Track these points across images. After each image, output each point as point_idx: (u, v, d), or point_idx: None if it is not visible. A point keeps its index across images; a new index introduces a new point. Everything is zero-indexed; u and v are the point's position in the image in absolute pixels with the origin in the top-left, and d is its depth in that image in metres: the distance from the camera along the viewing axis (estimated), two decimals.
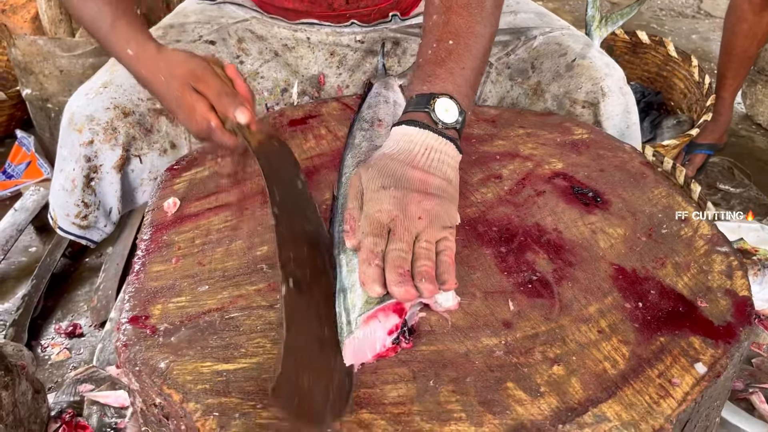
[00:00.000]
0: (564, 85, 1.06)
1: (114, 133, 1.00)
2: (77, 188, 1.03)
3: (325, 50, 1.15)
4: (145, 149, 1.04)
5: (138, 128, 1.02)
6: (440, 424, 0.52)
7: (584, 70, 1.06)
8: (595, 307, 0.62)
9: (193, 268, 0.69)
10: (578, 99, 1.05)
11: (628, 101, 1.06)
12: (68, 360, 1.38)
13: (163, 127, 1.05)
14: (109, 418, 1.08)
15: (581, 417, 0.52)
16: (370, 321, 0.58)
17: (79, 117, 1.00)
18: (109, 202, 1.07)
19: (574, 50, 1.08)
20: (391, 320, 0.58)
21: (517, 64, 1.11)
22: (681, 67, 2.08)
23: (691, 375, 0.56)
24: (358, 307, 0.59)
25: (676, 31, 3.13)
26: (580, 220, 0.74)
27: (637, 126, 1.09)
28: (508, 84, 1.11)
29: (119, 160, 1.01)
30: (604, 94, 1.04)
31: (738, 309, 0.63)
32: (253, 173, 0.84)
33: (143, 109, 1.03)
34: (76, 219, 1.06)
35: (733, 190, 1.93)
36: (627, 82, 1.08)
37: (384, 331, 0.58)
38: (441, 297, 0.61)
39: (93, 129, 0.99)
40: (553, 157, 0.85)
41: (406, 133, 0.70)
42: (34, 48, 1.76)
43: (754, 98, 2.31)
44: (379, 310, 0.58)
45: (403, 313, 0.59)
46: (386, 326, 0.58)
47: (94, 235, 1.11)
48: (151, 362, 0.58)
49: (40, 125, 1.93)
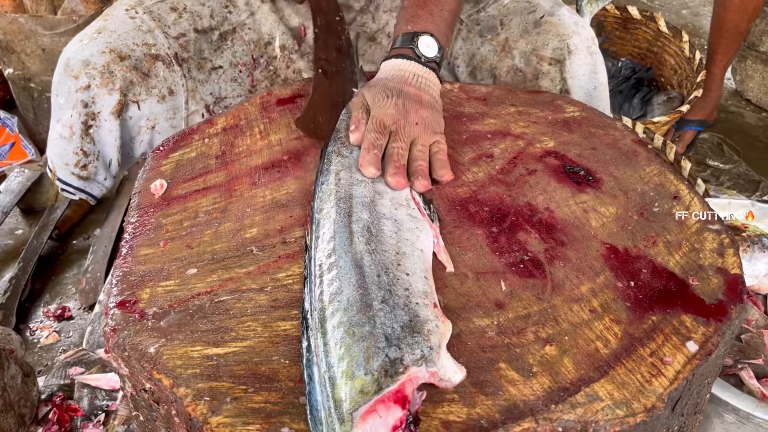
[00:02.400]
0: (531, 42, 1.06)
1: (111, 77, 0.99)
2: (76, 135, 1.02)
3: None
4: (143, 95, 1.03)
5: (135, 72, 1.01)
6: (433, 406, 0.51)
7: (552, 27, 1.06)
8: (587, 286, 0.62)
9: (182, 251, 0.68)
10: (545, 56, 1.05)
11: (596, 61, 1.06)
12: (57, 343, 1.37)
13: (160, 72, 1.04)
14: (100, 401, 1.08)
15: (573, 397, 0.52)
16: (369, 416, 0.47)
17: (75, 62, 0.99)
18: (108, 153, 1.06)
19: (543, 7, 1.09)
20: (394, 413, 0.48)
21: (487, 20, 1.11)
22: (672, 43, 2.07)
23: (682, 353, 0.56)
24: (351, 397, 0.48)
25: (667, 6, 3.10)
26: (572, 199, 0.73)
27: (605, 87, 1.09)
28: (478, 41, 1.12)
29: (117, 105, 1.00)
30: (570, 52, 1.04)
31: (729, 287, 0.63)
32: (240, 153, 0.83)
33: (139, 54, 1.02)
34: (76, 168, 1.05)
35: (723, 166, 1.94)
36: (597, 43, 1.08)
37: (387, 428, 0.47)
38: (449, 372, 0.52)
39: (89, 73, 0.99)
40: (545, 136, 0.84)
41: (396, 64, 0.83)
42: (15, 26, 1.72)
43: (743, 74, 2.31)
44: (378, 401, 0.48)
45: (406, 402, 0.49)
46: (389, 422, 0.47)
47: (94, 189, 1.10)
48: (140, 347, 0.57)
49: (23, 105, 1.90)
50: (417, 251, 0.63)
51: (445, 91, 0.95)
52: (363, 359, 0.50)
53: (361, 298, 0.56)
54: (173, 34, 1.06)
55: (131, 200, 0.78)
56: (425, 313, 0.55)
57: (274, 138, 0.86)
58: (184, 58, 1.07)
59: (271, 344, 0.57)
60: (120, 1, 1.09)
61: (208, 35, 1.09)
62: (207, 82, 1.10)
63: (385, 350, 0.51)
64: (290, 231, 0.70)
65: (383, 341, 0.52)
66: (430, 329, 0.54)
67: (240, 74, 1.13)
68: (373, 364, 0.50)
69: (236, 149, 0.84)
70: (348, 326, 0.53)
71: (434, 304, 0.57)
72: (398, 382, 0.49)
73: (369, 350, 0.51)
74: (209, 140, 0.87)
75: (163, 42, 1.04)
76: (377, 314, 0.54)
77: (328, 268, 0.60)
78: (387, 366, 0.50)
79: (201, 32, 1.09)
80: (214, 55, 1.10)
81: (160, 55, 1.04)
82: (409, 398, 0.49)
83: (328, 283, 0.58)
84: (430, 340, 0.53)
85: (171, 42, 1.05)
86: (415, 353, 0.51)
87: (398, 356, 0.51)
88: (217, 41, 1.10)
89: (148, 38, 1.03)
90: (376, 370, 0.49)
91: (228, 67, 1.12)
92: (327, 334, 0.54)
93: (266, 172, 0.79)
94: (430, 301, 0.57)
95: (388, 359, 0.50)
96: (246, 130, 0.88)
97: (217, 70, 1.11)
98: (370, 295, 0.56)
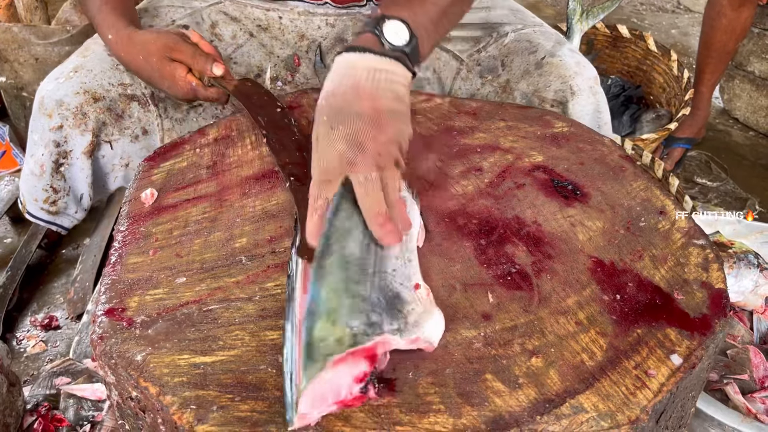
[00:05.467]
0: (533, 83, 1.05)
1: (84, 118, 0.99)
2: (45, 173, 1.02)
3: (295, 33, 1.14)
4: (116, 135, 1.03)
5: (108, 114, 1.01)
6: (419, 416, 0.52)
7: (553, 68, 1.04)
8: (574, 299, 0.63)
9: (171, 260, 0.69)
10: (547, 98, 1.04)
11: (599, 101, 1.04)
12: (44, 353, 1.36)
13: (134, 112, 1.04)
14: (86, 411, 1.07)
15: (559, 408, 0.52)
16: (339, 364, 0.51)
17: (49, 101, 0.99)
18: (79, 188, 1.06)
19: (545, 48, 1.07)
20: (360, 366, 0.52)
21: (488, 61, 1.10)
22: (660, 62, 2.10)
23: (666, 366, 0.56)
24: (327, 343, 0.51)
25: (656, 26, 3.15)
26: (560, 213, 0.74)
27: (609, 126, 1.07)
28: (478, 81, 1.11)
29: (89, 145, 1.01)
30: (573, 93, 1.02)
31: (714, 301, 0.63)
32: (231, 163, 0.83)
33: (114, 95, 1.02)
34: (45, 204, 1.06)
35: (710, 184, 1.96)
36: (600, 83, 1.06)
37: (351, 378, 0.52)
38: (433, 335, 0.56)
39: (62, 114, 0.99)
40: (534, 150, 0.85)
41: (347, 60, 0.67)
42: (9, 35, 1.73)
43: (731, 93, 2.34)
44: (350, 353, 0.51)
45: (374, 360, 0.53)
46: (354, 372, 0.52)
47: (64, 221, 1.10)
48: (127, 355, 0.57)
49: (15, 114, 1.90)
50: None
51: (435, 105, 0.96)
52: (347, 312, 0.54)
53: (361, 257, 0.59)
54: None
55: (121, 209, 0.79)
56: (405, 295, 0.59)
57: (265, 149, 0.86)
58: (161, 98, 1.06)
59: (258, 353, 0.57)
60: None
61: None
62: (185, 121, 1.09)
63: (368, 313, 0.54)
64: (280, 241, 0.70)
65: (368, 305, 0.55)
66: (409, 310, 0.57)
67: (223, 110, 1.11)
68: (355, 321, 0.53)
69: (227, 159, 0.85)
70: (345, 277, 0.56)
71: (416, 285, 0.60)
72: (372, 341, 0.52)
73: (355, 306, 0.54)
74: (201, 150, 0.87)
75: (139, 82, 1.03)
76: (370, 280, 0.57)
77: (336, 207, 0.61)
78: (366, 326, 0.53)
79: None
80: None
81: (136, 95, 1.03)
82: (378, 357, 0.53)
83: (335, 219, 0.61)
84: (408, 318, 0.56)
85: None
86: (393, 325, 0.55)
87: (378, 321, 0.54)
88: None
89: (124, 78, 1.03)
90: (356, 327, 0.53)
91: (209, 105, 1.10)
92: (323, 268, 0.57)
93: (257, 183, 0.80)
94: (411, 283, 0.60)
95: (368, 321, 0.54)
96: (237, 140, 0.89)
97: (197, 108, 1.10)
98: (369, 261, 0.59)
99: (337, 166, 0.61)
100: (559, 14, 3.15)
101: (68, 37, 1.74)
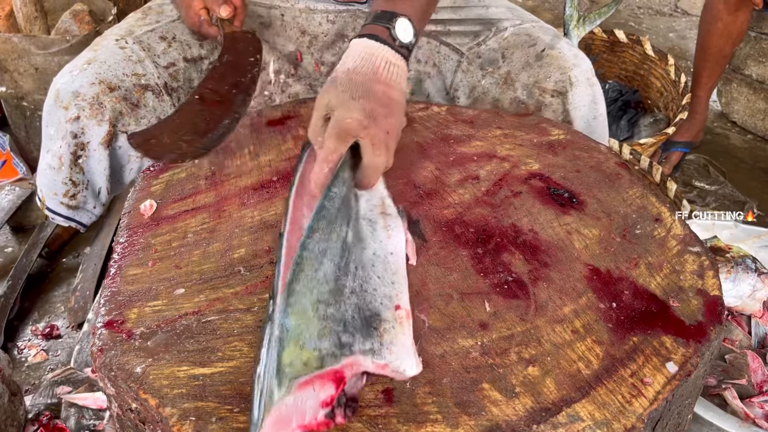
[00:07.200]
0: (533, 75, 1.08)
1: (100, 108, 1.00)
2: (65, 166, 1.02)
3: (296, 29, 1.15)
4: (133, 125, 1.03)
5: (124, 103, 1.02)
6: (416, 426, 0.52)
7: (553, 60, 1.08)
8: (570, 307, 0.63)
9: (170, 271, 0.69)
10: (547, 88, 1.07)
11: (596, 92, 1.08)
12: (45, 362, 1.37)
13: (149, 102, 1.05)
14: (87, 420, 1.07)
15: (555, 417, 0.53)
16: (305, 387, 0.50)
17: (65, 93, 1.00)
18: (97, 182, 1.06)
19: (544, 41, 1.10)
20: (327, 390, 0.51)
21: (488, 54, 1.12)
22: (658, 66, 2.11)
23: (662, 374, 0.57)
24: (294, 367, 0.51)
25: (654, 30, 3.16)
26: (556, 221, 0.74)
27: (605, 117, 1.11)
28: (479, 74, 1.13)
29: (106, 135, 1.01)
30: (572, 84, 1.06)
31: (709, 309, 0.64)
32: (229, 174, 0.84)
33: (128, 84, 1.03)
34: (65, 198, 1.06)
35: (709, 188, 1.96)
36: (595, 74, 1.10)
37: (317, 402, 0.50)
38: (404, 365, 0.55)
39: (79, 105, 0.99)
40: (530, 158, 0.86)
41: (369, 47, 0.78)
42: (9, 45, 1.73)
43: (729, 96, 2.35)
44: (316, 377, 0.51)
45: (341, 383, 0.51)
46: (320, 396, 0.50)
47: (83, 218, 1.11)
48: (126, 367, 0.58)
49: (15, 124, 1.90)
50: (388, 255, 0.65)
51: (432, 114, 0.97)
52: (317, 336, 0.53)
53: (335, 279, 0.59)
54: (163, 63, 1.07)
55: (121, 220, 0.79)
56: (385, 314, 0.58)
57: (263, 159, 0.87)
58: (174, 88, 1.08)
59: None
60: (110, 31, 1.11)
61: (198, 64, 1.11)
62: None
63: (339, 333, 0.54)
64: None
65: (341, 326, 0.55)
66: (386, 328, 0.57)
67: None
68: (324, 343, 0.53)
69: (226, 170, 0.85)
70: (315, 300, 0.56)
71: (396, 306, 0.60)
72: (339, 363, 0.52)
73: (325, 329, 0.54)
74: (199, 161, 0.87)
75: (153, 72, 1.05)
76: (346, 301, 0.57)
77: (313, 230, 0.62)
78: (335, 347, 0.53)
79: (191, 61, 1.10)
80: None
81: (150, 85, 1.05)
82: (346, 380, 0.52)
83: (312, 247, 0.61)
84: (383, 337, 0.56)
85: (161, 72, 1.06)
86: (365, 345, 0.54)
87: (349, 342, 0.54)
88: (207, 70, 1.10)
89: (137, 68, 1.05)
90: (324, 349, 0.52)
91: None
92: (293, 295, 0.56)
93: (255, 193, 0.80)
94: (393, 304, 0.60)
95: (338, 341, 0.53)
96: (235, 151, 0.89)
97: None
98: (345, 282, 0.59)
99: (354, 128, 0.70)
100: (556, 19, 3.16)
101: (68, 47, 1.75)
